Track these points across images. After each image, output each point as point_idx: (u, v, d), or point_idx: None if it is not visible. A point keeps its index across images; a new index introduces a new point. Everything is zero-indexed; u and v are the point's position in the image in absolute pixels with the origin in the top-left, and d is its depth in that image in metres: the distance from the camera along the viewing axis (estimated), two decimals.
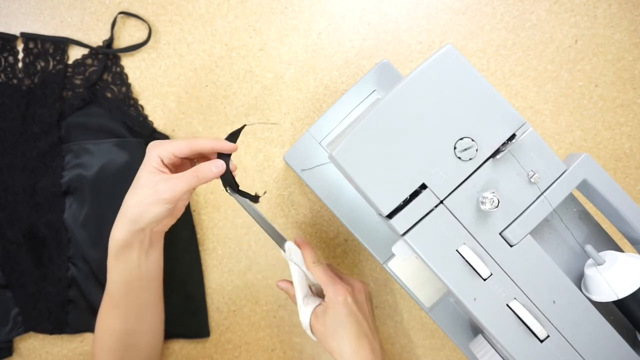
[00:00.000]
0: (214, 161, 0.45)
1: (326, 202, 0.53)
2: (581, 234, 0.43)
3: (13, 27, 0.59)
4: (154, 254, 0.50)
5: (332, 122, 0.53)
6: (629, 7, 0.59)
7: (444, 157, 0.37)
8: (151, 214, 0.45)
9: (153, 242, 0.49)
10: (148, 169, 0.45)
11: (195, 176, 0.44)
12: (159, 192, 0.44)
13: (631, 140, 0.59)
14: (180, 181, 0.44)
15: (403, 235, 0.38)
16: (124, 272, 0.48)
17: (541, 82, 0.60)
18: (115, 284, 0.49)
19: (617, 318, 0.42)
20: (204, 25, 0.60)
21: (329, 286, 0.47)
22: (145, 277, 0.49)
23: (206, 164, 0.45)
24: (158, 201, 0.44)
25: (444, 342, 0.60)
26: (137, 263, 0.48)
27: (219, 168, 0.45)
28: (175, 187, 0.44)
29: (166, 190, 0.44)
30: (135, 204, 0.45)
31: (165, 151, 0.45)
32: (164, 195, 0.44)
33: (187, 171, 0.45)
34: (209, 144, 0.46)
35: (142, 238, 0.47)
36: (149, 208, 0.44)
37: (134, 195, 0.45)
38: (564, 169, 0.38)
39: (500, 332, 0.38)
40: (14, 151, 0.57)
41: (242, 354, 0.60)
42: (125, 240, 0.46)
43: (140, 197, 0.45)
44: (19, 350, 0.59)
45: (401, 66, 0.60)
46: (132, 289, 0.49)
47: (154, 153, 0.45)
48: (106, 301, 0.50)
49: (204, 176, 0.45)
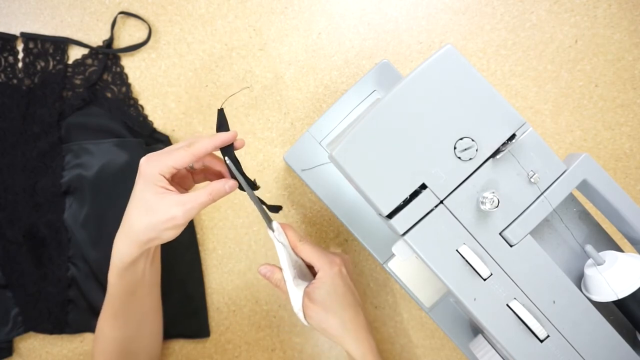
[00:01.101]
0: (226, 181, 0.44)
1: (326, 202, 0.53)
2: (581, 234, 0.43)
3: (13, 27, 0.59)
4: (156, 261, 0.50)
5: (332, 122, 0.53)
6: (629, 7, 0.59)
7: (444, 157, 0.37)
8: (167, 236, 0.44)
9: (157, 250, 0.49)
10: (154, 191, 0.43)
11: (209, 197, 0.43)
12: (176, 218, 0.42)
13: (631, 140, 0.59)
14: (195, 205, 0.42)
15: (403, 235, 0.38)
16: (129, 285, 0.47)
17: (541, 82, 0.60)
18: (119, 297, 0.48)
19: (617, 318, 0.42)
20: (204, 25, 0.60)
21: (322, 259, 0.46)
22: (148, 284, 0.49)
23: (219, 183, 0.44)
24: (175, 227, 0.43)
25: (444, 342, 0.60)
26: (142, 274, 0.47)
27: (232, 188, 0.44)
28: (191, 212, 0.42)
29: (182, 216, 0.42)
30: (149, 228, 0.43)
31: (166, 167, 0.43)
32: (180, 222, 0.42)
33: (201, 192, 0.43)
34: (209, 144, 0.43)
35: (148, 251, 0.46)
36: (165, 233, 0.43)
37: (143, 217, 0.43)
38: (564, 169, 0.38)
39: (500, 332, 0.38)
40: (14, 151, 0.57)
41: (242, 354, 0.60)
42: (133, 259, 0.45)
43: (153, 222, 0.43)
44: (19, 350, 0.59)
45: (401, 66, 0.60)
46: (135, 298, 0.48)
47: (154, 171, 0.43)
48: (107, 310, 0.49)
49: (217, 195, 0.44)
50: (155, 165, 0.42)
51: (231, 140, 0.44)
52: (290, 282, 0.47)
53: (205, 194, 0.43)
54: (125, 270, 0.46)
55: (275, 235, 0.47)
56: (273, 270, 0.48)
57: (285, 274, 0.47)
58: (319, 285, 0.46)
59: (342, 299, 0.46)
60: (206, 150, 0.43)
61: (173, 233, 0.44)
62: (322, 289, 0.46)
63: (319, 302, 0.45)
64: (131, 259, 0.45)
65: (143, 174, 0.43)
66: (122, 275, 0.46)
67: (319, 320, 0.46)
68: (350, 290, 0.47)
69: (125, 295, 0.48)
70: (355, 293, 0.48)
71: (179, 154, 0.42)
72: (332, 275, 0.46)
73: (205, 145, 0.43)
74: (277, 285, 0.48)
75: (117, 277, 0.46)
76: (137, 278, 0.47)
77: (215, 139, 0.43)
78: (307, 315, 0.46)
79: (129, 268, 0.46)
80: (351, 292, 0.47)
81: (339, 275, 0.46)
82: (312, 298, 0.46)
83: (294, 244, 0.48)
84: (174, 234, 0.44)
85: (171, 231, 0.43)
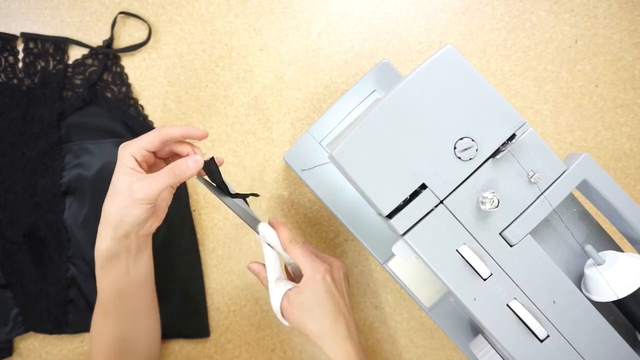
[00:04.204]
0: (191, 156, 0.44)
1: (326, 202, 0.53)
2: (581, 234, 0.43)
3: (13, 27, 0.59)
4: (143, 259, 0.49)
5: (332, 122, 0.53)
6: (629, 7, 0.59)
7: (444, 157, 0.37)
8: (131, 217, 0.43)
9: (140, 247, 0.48)
10: (123, 171, 0.43)
11: (171, 173, 0.43)
12: (134, 192, 0.42)
13: (631, 140, 0.59)
14: (156, 179, 0.42)
15: (403, 235, 0.38)
16: (113, 281, 0.47)
17: (541, 82, 0.60)
18: (105, 293, 0.47)
19: (617, 318, 0.42)
20: (204, 25, 0.60)
21: (307, 264, 0.46)
22: (135, 283, 0.48)
23: (183, 159, 0.44)
24: (134, 202, 0.42)
25: (444, 342, 0.60)
26: (126, 270, 0.47)
27: (197, 164, 0.44)
28: (151, 186, 0.42)
29: (141, 190, 0.42)
30: (115, 210, 0.43)
31: (136, 148, 0.43)
32: (139, 195, 0.42)
33: (164, 169, 0.43)
34: (179, 130, 0.44)
35: (128, 245, 0.46)
36: (127, 211, 0.43)
37: (111, 201, 0.43)
38: (564, 169, 0.38)
39: (500, 332, 0.38)
40: (14, 151, 0.57)
41: (242, 354, 0.60)
42: (110, 250, 0.45)
43: (117, 202, 0.43)
44: (19, 350, 0.59)
45: (401, 66, 0.60)
46: (123, 296, 0.48)
47: (125, 153, 0.43)
48: (98, 309, 0.49)
49: (181, 172, 0.43)
50: (126, 148, 0.44)
51: (201, 137, 0.45)
52: (271, 282, 0.47)
53: (167, 170, 0.43)
54: (106, 263, 0.46)
55: (261, 237, 0.47)
56: (260, 269, 0.49)
57: (268, 274, 0.48)
58: (299, 290, 0.46)
59: (321, 307, 0.45)
60: (174, 133, 0.44)
61: (136, 213, 0.43)
62: (302, 295, 0.46)
63: (297, 306, 0.45)
64: (105, 247, 0.44)
65: (118, 159, 0.44)
66: (104, 267, 0.46)
67: (297, 323, 0.46)
68: (333, 299, 0.46)
69: (111, 291, 0.47)
70: (339, 301, 0.47)
71: (148, 135, 0.44)
72: (314, 282, 0.46)
73: (175, 129, 0.44)
74: (263, 284, 0.49)
75: (99, 269, 0.46)
76: (120, 275, 0.47)
77: (187, 128, 0.45)
78: (286, 317, 0.47)
79: (110, 262, 0.45)
80: (333, 300, 0.46)
81: (322, 282, 0.46)
82: (291, 301, 0.46)
83: (284, 244, 0.48)
84: (138, 212, 0.43)
85: (133, 210, 0.42)
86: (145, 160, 0.45)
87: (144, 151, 0.44)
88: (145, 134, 0.44)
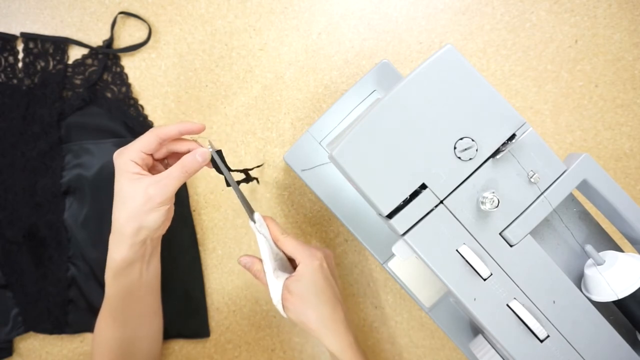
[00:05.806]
0: (197, 150, 0.44)
1: (326, 202, 0.53)
2: (581, 234, 0.43)
3: (13, 27, 0.59)
4: (153, 262, 0.49)
5: (332, 122, 0.53)
6: (629, 7, 0.59)
7: (444, 157, 0.37)
8: (151, 222, 0.43)
9: (153, 250, 0.48)
10: (127, 177, 0.43)
11: (182, 170, 0.43)
12: (152, 197, 0.42)
13: (631, 140, 0.59)
14: (170, 180, 0.42)
15: (403, 235, 0.38)
16: (124, 287, 0.47)
17: (541, 82, 0.60)
18: (116, 298, 0.47)
19: (617, 318, 0.42)
20: (204, 25, 0.60)
21: (303, 252, 0.46)
22: (146, 285, 0.49)
23: (190, 154, 0.43)
24: (153, 207, 0.42)
25: (444, 342, 0.60)
26: (139, 275, 0.47)
27: (204, 156, 0.44)
28: (167, 188, 0.42)
29: (158, 194, 0.42)
30: (131, 218, 0.43)
31: (135, 152, 0.43)
32: (158, 200, 0.42)
33: (173, 167, 0.43)
34: (175, 127, 0.44)
35: (144, 251, 0.46)
36: (147, 217, 0.42)
37: (123, 210, 0.43)
38: (564, 169, 0.38)
39: (500, 332, 0.38)
40: (14, 151, 0.57)
41: (242, 354, 0.60)
42: (126, 260, 0.45)
43: (132, 209, 0.42)
44: (19, 350, 0.59)
45: (401, 66, 0.60)
46: (133, 299, 0.48)
47: (124, 159, 0.43)
48: (104, 314, 0.49)
49: (191, 167, 0.43)
50: (124, 154, 0.43)
51: (198, 131, 0.45)
52: (270, 274, 0.47)
53: (177, 167, 0.43)
54: (120, 272, 0.45)
55: (256, 227, 0.47)
56: (253, 261, 0.49)
57: (265, 266, 0.47)
58: (298, 278, 0.46)
59: (320, 293, 0.45)
60: (171, 132, 0.44)
61: (155, 217, 0.43)
62: (301, 282, 0.45)
63: (297, 295, 0.45)
64: (122, 257, 0.44)
65: (116, 167, 0.44)
66: (117, 276, 0.46)
67: (297, 313, 0.46)
68: (330, 285, 0.47)
69: (121, 296, 0.47)
70: (335, 289, 0.47)
71: (144, 137, 0.43)
72: (312, 268, 0.46)
73: (171, 127, 0.44)
74: (256, 276, 0.49)
75: (112, 278, 0.46)
76: (132, 280, 0.47)
77: (180, 125, 0.44)
78: (286, 307, 0.46)
79: (124, 270, 0.45)
80: (331, 287, 0.47)
81: (320, 269, 0.46)
82: (291, 290, 0.46)
83: (275, 236, 0.47)
84: (157, 217, 0.43)
85: (152, 215, 0.42)
86: (145, 164, 0.45)
87: (143, 154, 0.43)
88: (140, 137, 0.44)
